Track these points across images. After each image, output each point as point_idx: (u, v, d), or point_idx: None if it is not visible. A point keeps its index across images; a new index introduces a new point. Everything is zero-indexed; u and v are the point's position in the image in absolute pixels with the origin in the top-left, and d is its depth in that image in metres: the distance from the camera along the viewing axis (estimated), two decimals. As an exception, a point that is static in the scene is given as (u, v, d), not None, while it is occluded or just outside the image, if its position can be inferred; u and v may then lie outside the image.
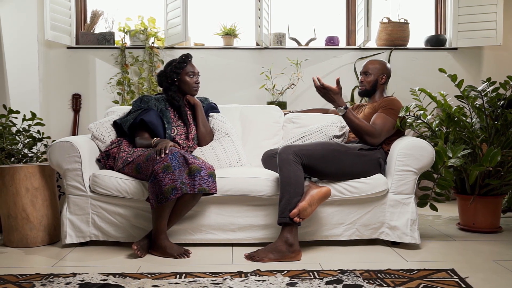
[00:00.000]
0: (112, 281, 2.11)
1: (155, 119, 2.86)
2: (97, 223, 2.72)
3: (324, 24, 4.64)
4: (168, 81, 2.98)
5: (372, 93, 3.00)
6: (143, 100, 2.94)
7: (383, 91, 3.00)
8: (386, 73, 2.98)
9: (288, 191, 2.52)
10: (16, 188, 2.74)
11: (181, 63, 2.96)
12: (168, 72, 2.98)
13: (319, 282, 2.10)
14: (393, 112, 2.81)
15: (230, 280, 2.12)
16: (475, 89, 2.94)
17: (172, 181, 2.45)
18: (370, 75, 2.96)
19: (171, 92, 2.98)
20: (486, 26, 4.28)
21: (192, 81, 2.98)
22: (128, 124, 2.87)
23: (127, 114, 2.95)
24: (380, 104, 2.86)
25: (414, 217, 2.68)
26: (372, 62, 3.00)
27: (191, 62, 3.01)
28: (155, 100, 2.96)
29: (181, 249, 2.55)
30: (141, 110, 2.88)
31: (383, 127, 2.78)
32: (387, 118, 2.80)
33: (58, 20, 4.11)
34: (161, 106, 2.95)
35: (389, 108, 2.82)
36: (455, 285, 2.06)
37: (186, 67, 2.97)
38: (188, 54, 3.01)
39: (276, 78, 4.27)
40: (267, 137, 3.33)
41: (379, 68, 2.96)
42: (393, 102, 2.85)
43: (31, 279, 2.16)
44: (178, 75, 2.96)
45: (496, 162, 2.77)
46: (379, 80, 2.96)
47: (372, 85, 2.97)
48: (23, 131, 3.23)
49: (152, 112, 2.86)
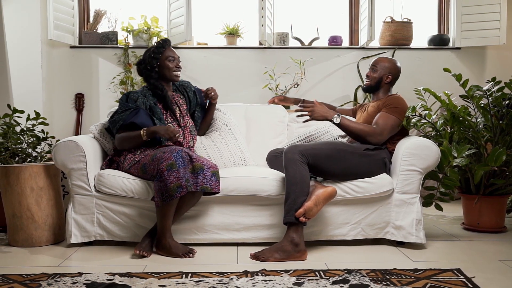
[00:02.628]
0: (119, 281, 2.11)
1: (146, 119, 2.73)
2: (102, 222, 2.72)
3: (327, 23, 4.64)
4: (148, 67, 2.84)
5: (375, 90, 2.98)
6: (130, 97, 2.80)
7: (387, 90, 2.98)
8: (393, 74, 2.95)
9: (294, 191, 2.52)
10: (21, 188, 2.74)
11: (159, 48, 2.84)
12: (147, 58, 2.85)
13: (326, 282, 2.10)
14: (396, 111, 2.80)
15: (236, 279, 2.12)
16: (480, 89, 2.94)
17: (177, 179, 2.45)
18: (376, 71, 2.94)
19: (153, 80, 2.86)
20: (489, 25, 4.28)
21: (173, 65, 2.85)
22: (118, 126, 2.74)
23: (114, 114, 2.79)
24: (384, 103, 2.86)
25: (419, 217, 2.68)
26: (383, 59, 2.97)
27: (169, 47, 2.90)
28: (142, 97, 2.83)
29: (186, 248, 2.55)
30: (129, 110, 2.74)
31: (385, 126, 2.77)
32: (389, 117, 2.79)
33: (61, 20, 4.11)
34: (149, 102, 2.83)
35: (392, 106, 2.81)
36: (461, 285, 2.06)
37: (165, 51, 2.85)
38: (166, 39, 2.90)
39: (280, 78, 4.26)
40: (272, 136, 3.33)
41: (387, 67, 2.94)
42: (397, 101, 2.84)
43: (37, 279, 2.15)
44: (158, 60, 2.84)
45: (501, 162, 2.77)
46: (384, 79, 2.94)
47: (376, 82, 2.95)
48: (27, 130, 3.23)
49: (142, 112, 2.74)
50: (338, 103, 4.32)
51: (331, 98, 4.35)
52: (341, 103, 4.32)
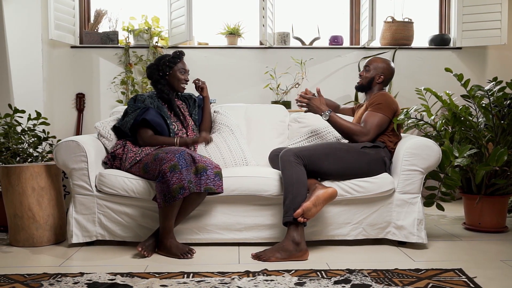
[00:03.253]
0: (120, 281, 2.11)
1: (157, 116, 2.84)
2: (103, 222, 2.72)
3: (328, 23, 4.64)
4: (160, 73, 2.95)
5: (367, 89, 2.98)
6: (138, 99, 2.90)
7: (379, 89, 2.95)
8: (385, 74, 2.93)
9: (291, 191, 2.53)
10: (22, 188, 2.74)
11: (175, 58, 2.96)
12: (160, 64, 2.95)
13: (327, 281, 2.09)
14: (380, 107, 2.78)
15: (238, 279, 2.12)
16: (482, 89, 2.94)
17: (180, 180, 2.45)
18: (369, 71, 2.94)
19: (161, 86, 2.96)
20: (490, 25, 4.28)
21: (182, 77, 2.97)
22: (129, 125, 2.82)
23: (124, 116, 2.90)
24: (370, 102, 2.86)
25: (421, 217, 2.68)
26: (376, 59, 2.98)
27: (183, 60, 3.02)
28: (149, 98, 2.93)
29: (184, 248, 2.54)
30: (139, 109, 2.84)
31: (371, 124, 2.76)
32: (375, 115, 2.78)
33: (62, 20, 4.11)
34: (156, 103, 2.93)
35: (376, 104, 2.80)
36: (463, 284, 2.06)
37: (179, 63, 2.97)
38: (181, 51, 3.02)
39: (281, 78, 4.26)
40: (273, 136, 3.33)
41: (379, 67, 2.93)
42: (381, 97, 2.83)
43: (39, 279, 2.15)
44: (171, 69, 2.95)
45: (502, 162, 2.77)
46: (376, 78, 2.93)
47: (368, 81, 2.95)
48: (28, 130, 3.23)
49: (152, 110, 2.84)
50: (339, 103, 4.30)
51: (332, 98, 4.32)
52: (342, 103, 4.31)
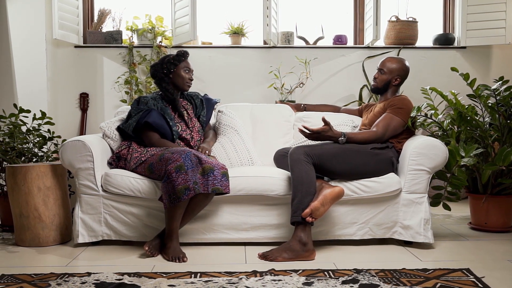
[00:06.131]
0: (128, 281, 2.10)
1: (159, 118, 2.83)
2: (109, 222, 2.72)
3: (332, 22, 4.63)
4: (164, 71, 2.94)
5: (383, 92, 2.98)
6: (141, 101, 2.91)
7: (395, 91, 2.97)
8: (401, 76, 2.92)
9: (300, 191, 2.52)
10: (28, 188, 2.74)
11: (180, 56, 2.96)
12: (165, 63, 2.95)
13: (335, 281, 2.09)
14: (401, 112, 2.79)
15: (246, 279, 2.11)
16: (488, 88, 2.93)
17: (185, 181, 2.44)
18: (384, 74, 2.93)
19: (165, 84, 2.95)
20: (495, 24, 4.26)
21: (187, 76, 2.96)
22: (132, 128, 2.82)
23: (127, 119, 2.90)
24: (390, 103, 2.85)
25: (427, 217, 2.67)
26: (390, 60, 2.95)
27: (187, 59, 3.01)
28: (152, 100, 2.93)
29: (178, 254, 2.47)
30: (142, 111, 2.84)
31: (387, 127, 2.77)
32: (393, 118, 2.78)
33: (66, 19, 4.11)
34: (160, 104, 2.93)
35: (397, 107, 2.80)
36: (471, 284, 2.05)
37: (183, 61, 2.97)
38: (186, 51, 3.01)
39: (285, 77, 4.26)
40: (278, 136, 3.32)
41: (395, 69, 2.91)
42: (402, 102, 2.83)
43: (46, 279, 2.15)
44: (175, 67, 2.94)
45: (509, 161, 2.76)
46: (392, 81, 2.93)
47: (384, 84, 2.94)
48: (33, 130, 3.23)
49: (154, 112, 2.83)
50: (343, 102, 4.32)
51: (336, 98, 4.34)
52: (345, 103, 4.31)
